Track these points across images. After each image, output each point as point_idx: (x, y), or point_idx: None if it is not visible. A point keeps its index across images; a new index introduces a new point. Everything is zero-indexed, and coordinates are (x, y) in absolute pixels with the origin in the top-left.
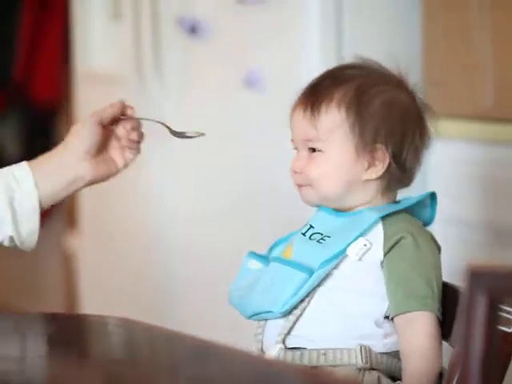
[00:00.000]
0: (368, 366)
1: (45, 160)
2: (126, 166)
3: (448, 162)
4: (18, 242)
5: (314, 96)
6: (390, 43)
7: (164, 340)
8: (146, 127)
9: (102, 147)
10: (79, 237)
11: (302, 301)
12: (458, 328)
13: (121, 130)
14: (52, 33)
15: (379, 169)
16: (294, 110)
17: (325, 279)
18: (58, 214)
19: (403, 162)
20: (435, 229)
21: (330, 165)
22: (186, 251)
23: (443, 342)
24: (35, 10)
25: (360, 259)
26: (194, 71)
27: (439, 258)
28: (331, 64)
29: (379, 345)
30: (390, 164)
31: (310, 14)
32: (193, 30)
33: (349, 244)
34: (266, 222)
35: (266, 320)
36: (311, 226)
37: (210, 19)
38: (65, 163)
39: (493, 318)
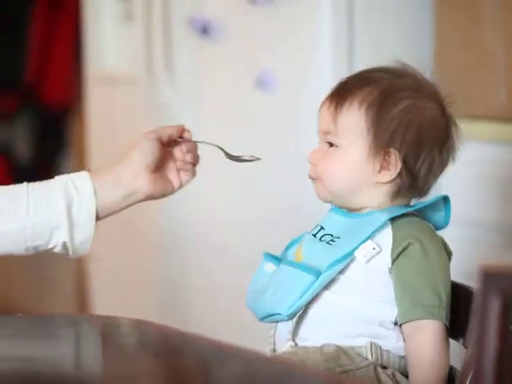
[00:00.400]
0: (379, 363)
1: (104, 171)
2: (181, 187)
3: (461, 162)
4: (70, 249)
5: (341, 93)
6: (402, 43)
7: (179, 342)
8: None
9: (159, 166)
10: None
11: (310, 303)
12: (471, 329)
13: (177, 151)
14: (63, 34)
15: (392, 173)
16: (321, 104)
17: (333, 284)
18: None
19: (416, 172)
20: (448, 229)
21: (343, 162)
22: (195, 257)
23: (456, 343)
24: (47, 12)
25: (368, 262)
26: (205, 72)
27: (448, 264)
28: (343, 65)
29: (393, 346)
30: (401, 170)
31: (321, 13)
32: (204, 30)
33: (357, 246)
34: (275, 222)
35: (277, 322)
36: (322, 228)
37: (221, 19)
38: (124, 175)
39: (506, 318)
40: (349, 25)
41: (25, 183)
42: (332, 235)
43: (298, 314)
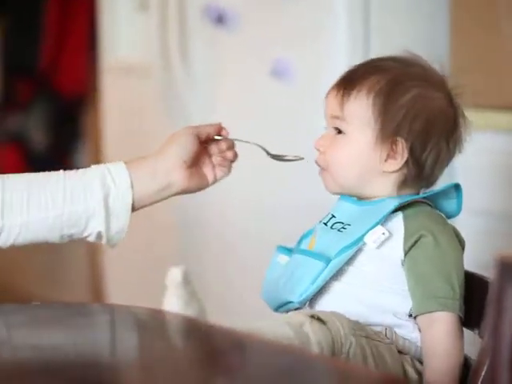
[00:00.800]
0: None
1: (141, 162)
2: (215, 182)
3: (475, 152)
4: (105, 239)
5: (349, 81)
6: (418, 34)
7: (195, 332)
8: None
9: (195, 161)
10: None
11: (322, 294)
12: (487, 319)
13: (214, 148)
14: (78, 23)
15: (398, 162)
16: (328, 92)
17: (344, 275)
18: None
19: (422, 162)
20: (460, 219)
21: (351, 149)
22: (214, 244)
23: (470, 332)
24: (62, 0)
25: (378, 248)
26: (220, 61)
27: (461, 254)
28: (359, 54)
29: (409, 336)
30: (408, 159)
31: (337, 2)
32: (219, 19)
33: (367, 231)
34: (296, 212)
35: (291, 311)
36: (333, 216)
37: (236, 8)
38: (161, 168)
39: None
40: (365, 16)
41: (61, 171)
42: (343, 223)
43: (307, 303)
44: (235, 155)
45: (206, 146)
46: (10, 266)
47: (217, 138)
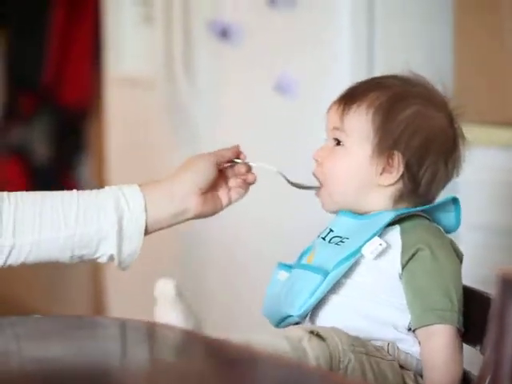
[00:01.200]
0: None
1: (156, 185)
2: (229, 205)
3: (478, 168)
4: (116, 261)
5: (350, 96)
6: (422, 48)
7: (196, 345)
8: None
9: (211, 186)
10: None
11: (321, 308)
12: (489, 334)
13: (230, 171)
14: (82, 35)
15: (394, 176)
16: (330, 107)
17: (343, 288)
18: None
19: (419, 179)
20: (459, 233)
21: (348, 162)
22: (218, 268)
23: (472, 349)
24: (66, 13)
25: (376, 259)
26: (224, 75)
27: (459, 267)
28: (362, 68)
29: (410, 350)
30: (403, 174)
31: (341, 17)
32: (224, 33)
33: (364, 243)
34: (293, 226)
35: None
36: (331, 230)
37: (240, 23)
38: (176, 193)
39: None
40: (368, 29)
41: (74, 190)
42: (341, 237)
43: (308, 317)
44: (255, 178)
45: (223, 169)
46: (12, 280)
47: (236, 161)
